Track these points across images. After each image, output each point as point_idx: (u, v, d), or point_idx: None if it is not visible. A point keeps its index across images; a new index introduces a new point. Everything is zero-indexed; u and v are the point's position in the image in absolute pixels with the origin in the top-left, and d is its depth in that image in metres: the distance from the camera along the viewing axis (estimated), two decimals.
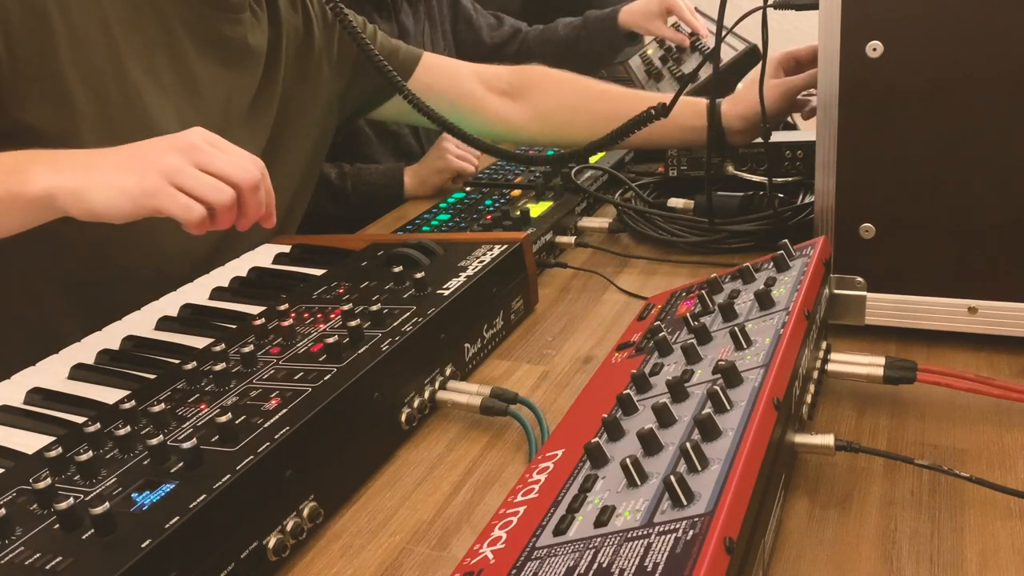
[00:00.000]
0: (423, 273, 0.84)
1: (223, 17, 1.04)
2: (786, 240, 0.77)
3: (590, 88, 1.30)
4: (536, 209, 1.16)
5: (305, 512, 0.62)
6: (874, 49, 0.77)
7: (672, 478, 0.47)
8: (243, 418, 0.63)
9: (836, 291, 0.84)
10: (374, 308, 0.77)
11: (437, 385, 0.78)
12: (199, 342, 0.80)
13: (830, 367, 0.72)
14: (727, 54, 1.57)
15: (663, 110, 0.96)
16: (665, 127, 1.12)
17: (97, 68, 0.93)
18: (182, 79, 1.01)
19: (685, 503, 0.46)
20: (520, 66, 1.38)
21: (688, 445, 0.50)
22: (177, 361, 0.74)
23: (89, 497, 0.57)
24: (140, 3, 0.97)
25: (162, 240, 0.98)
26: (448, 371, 0.80)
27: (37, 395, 0.74)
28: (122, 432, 0.61)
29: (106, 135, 0.93)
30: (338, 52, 1.22)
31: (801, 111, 1.20)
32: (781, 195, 1.11)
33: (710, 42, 1.72)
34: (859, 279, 0.83)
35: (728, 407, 0.55)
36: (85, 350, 0.82)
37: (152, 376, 0.74)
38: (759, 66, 1.01)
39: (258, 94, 1.11)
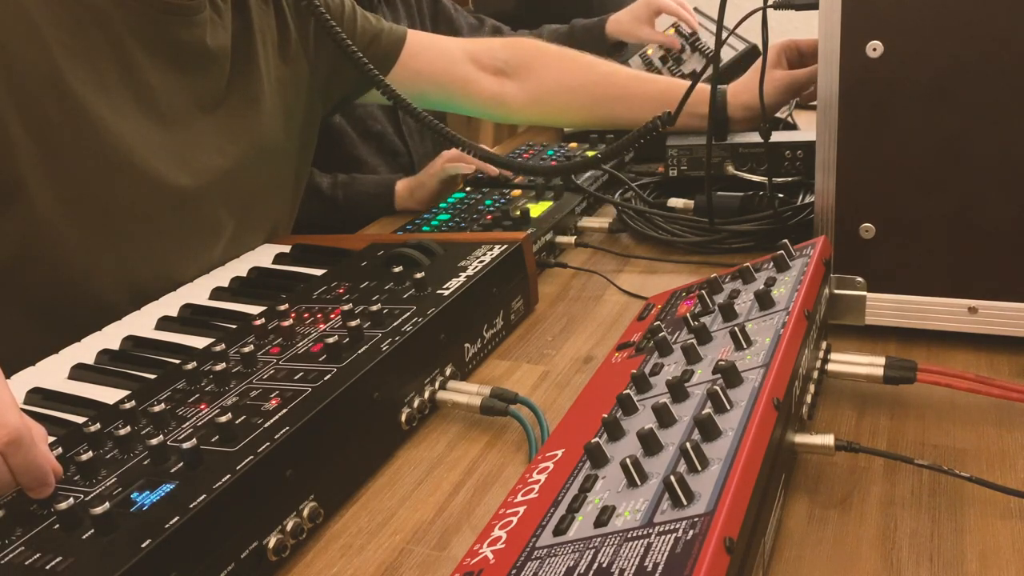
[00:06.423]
0: (423, 273, 0.84)
1: (176, 20, 0.94)
2: (786, 240, 0.77)
3: (591, 69, 1.25)
4: (536, 209, 1.16)
5: (305, 512, 0.62)
6: (874, 49, 0.77)
7: (672, 478, 0.47)
8: (243, 418, 0.63)
9: (836, 291, 0.84)
10: (374, 308, 0.77)
11: (437, 385, 0.78)
12: (199, 342, 0.80)
13: (830, 367, 0.72)
14: (727, 54, 1.57)
15: (669, 119, 0.96)
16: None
17: (32, 93, 0.84)
18: (136, 93, 0.92)
19: (685, 503, 0.46)
20: (514, 40, 1.30)
21: (688, 445, 0.50)
22: (177, 361, 0.74)
23: (89, 497, 0.57)
24: (79, 14, 0.87)
25: (135, 267, 0.93)
26: (448, 371, 0.80)
27: (37, 395, 0.74)
28: (122, 432, 0.61)
29: (55, 168, 0.86)
30: (315, 43, 1.14)
31: (801, 95, 1.22)
32: (781, 195, 1.11)
33: (709, 41, 1.72)
34: (859, 279, 0.83)
35: (728, 407, 0.55)
36: (85, 350, 0.82)
37: (152, 376, 0.74)
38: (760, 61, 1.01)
39: (229, 95, 1.02)
